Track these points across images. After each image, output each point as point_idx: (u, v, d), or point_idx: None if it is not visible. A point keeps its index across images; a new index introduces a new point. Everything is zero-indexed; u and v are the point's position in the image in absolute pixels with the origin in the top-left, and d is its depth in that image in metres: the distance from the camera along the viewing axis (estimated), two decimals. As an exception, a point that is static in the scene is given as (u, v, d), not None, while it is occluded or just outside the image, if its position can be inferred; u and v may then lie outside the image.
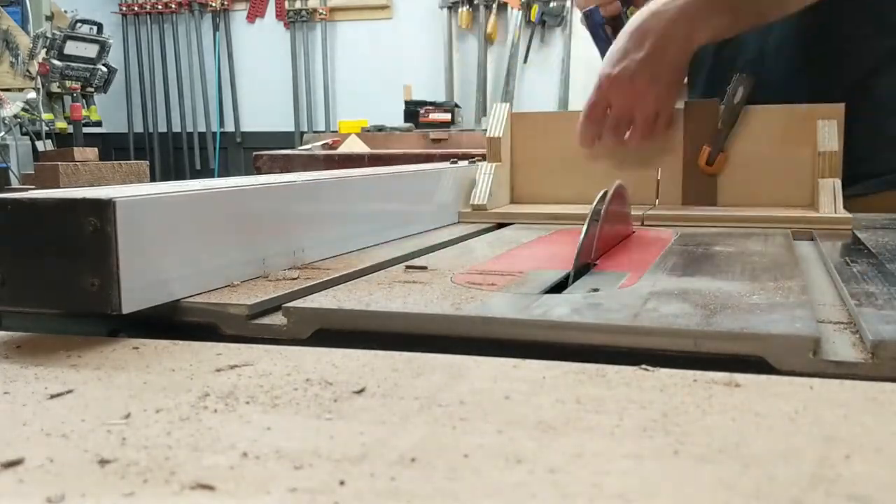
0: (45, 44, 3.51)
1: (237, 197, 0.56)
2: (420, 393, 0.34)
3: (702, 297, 0.49)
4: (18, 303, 0.45)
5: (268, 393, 0.35)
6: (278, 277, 0.56)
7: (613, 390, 0.34)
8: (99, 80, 3.62)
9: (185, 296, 0.49)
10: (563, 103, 4.51)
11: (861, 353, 0.40)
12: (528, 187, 1.11)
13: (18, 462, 0.27)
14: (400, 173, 0.85)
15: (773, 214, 0.89)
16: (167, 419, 0.32)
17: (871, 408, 0.32)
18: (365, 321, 0.46)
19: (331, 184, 0.70)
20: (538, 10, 4.50)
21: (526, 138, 1.11)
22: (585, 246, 0.60)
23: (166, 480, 0.26)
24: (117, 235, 0.43)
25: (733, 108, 1.00)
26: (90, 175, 2.31)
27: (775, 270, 0.58)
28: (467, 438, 0.29)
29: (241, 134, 5.20)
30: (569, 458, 0.27)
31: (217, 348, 0.42)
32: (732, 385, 0.35)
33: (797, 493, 0.24)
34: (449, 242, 0.79)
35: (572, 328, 0.43)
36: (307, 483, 0.26)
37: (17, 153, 3.75)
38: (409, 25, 4.80)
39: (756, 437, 0.29)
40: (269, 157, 2.66)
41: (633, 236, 0.82)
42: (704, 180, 1.03)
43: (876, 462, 0.27)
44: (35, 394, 0.35)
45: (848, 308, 0.48)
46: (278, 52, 5.06)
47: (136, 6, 5.26)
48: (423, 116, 3.88)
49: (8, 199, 0.44)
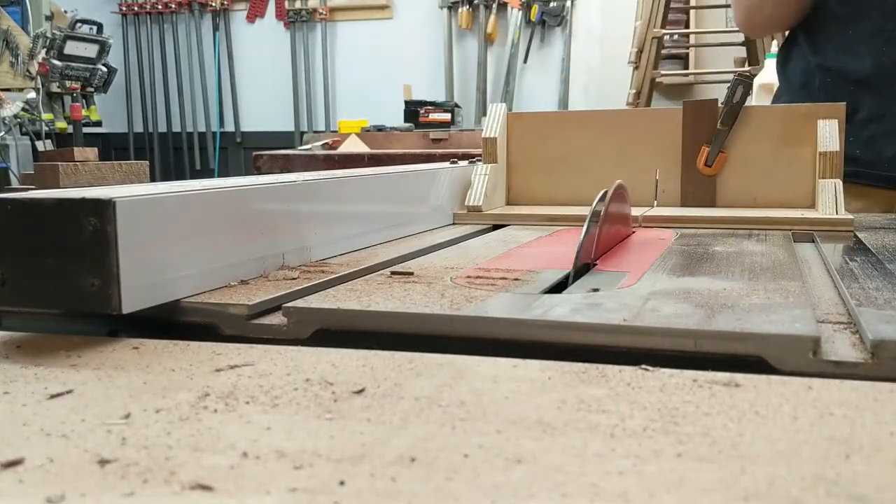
0: (45, 44, 3.51)
1: (237, 197, 0.56)
2: (420, 393, 0.34)
3: (702, 297, 0.49)
4: (18, 303, 0.44)
5: (268, 393, 0.35)
6: (278, 277, 0.56)
7: (613, 390, 0.34)
8: (99, 80, 3.62)
9: (185, 296, 0.49)
10: (563, 103, 4.51)
11: (861, 353, 0.40)
12: (524, 188, 1.10)
13: (18, 462, 0.27)
14: (393, 174, 0.85)
15: (773, 215, 0.89)
16: (167, 419, 0.32)
17: (871, 408, 0.32)
18: (365, 321, 0.46)
19: (330, 184, 0.70)
20: (538, 9, 4.50)
21: (523, 139, 1.10)
22: (585, 246, 0.60)
23: (166, 480, 0.26)
24: (117, 235, 0.43)
25: (733, 108, 1.00)
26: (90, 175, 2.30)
27: (775, 270, 0.58)
28: (467, 438, 0.29)
29: (241, 134, 5.20)
30: (569, 458, 0.27)
31: (217, 348, 0.42)
32: (732, 385, 0.35)
33: (797, 493, 0.24)
34: (445, 244, 0.78)
35: (572, 328, 0.43)
36: (307, 483, 0.26)
37: (17, 153, 3.75)
38: (409, 25, 4.80)
39: (756, 437, 0.29)
40: (269, 157, 2.67)
41: (633, 236, 0.82)
42: (704, 181, 1.03)
43: (876, 462, 0.27)
44: (35, 394, 0.35)
45: (848, 308, 0.48)
46: (278, 52, 5.06)
47: (136, 6, 5.26)
48: (423, 116, 3.87)
49: (8, 199, 0.44)
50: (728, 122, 1.00)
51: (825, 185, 0.92)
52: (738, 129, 1.01)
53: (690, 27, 3.93)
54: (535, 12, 4.51)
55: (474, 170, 1.03)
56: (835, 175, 0.93)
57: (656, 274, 0.57)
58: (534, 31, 4.57)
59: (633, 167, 1.04)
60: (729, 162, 1.01)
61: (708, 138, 1.02)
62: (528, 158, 1.10)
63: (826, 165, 0.94)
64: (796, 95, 1.26)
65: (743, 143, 1.01)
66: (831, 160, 0.94)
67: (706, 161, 1.01)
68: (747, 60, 3.12)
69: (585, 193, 0.93)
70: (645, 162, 1.04)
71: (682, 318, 0.43)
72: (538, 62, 4.62)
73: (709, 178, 1.02)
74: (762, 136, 1.00)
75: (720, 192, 1.02)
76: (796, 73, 1.28)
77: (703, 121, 1.02)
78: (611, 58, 4.26)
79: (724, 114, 1.01)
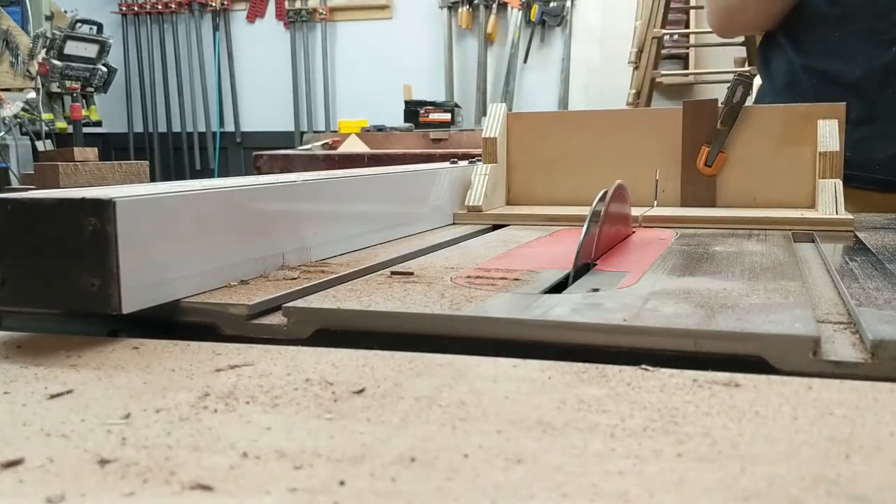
0: (45, 44, 3.51)
1: (237, 197, 0.56)
2: (420, 393, 0.34)
3: (702, 297, 0.49)
4: (18, 303, 0.44)
5: (268, 393, 0.35)
6: (278, 277, 0.56)
7: (613, 390, 0.34)
8: (99, 80, 3.62)
9: (185, 296, 0.49)
10: (563, 103, 4.51)
11: (861, 353, 0.40)
12: (524, 188, 1.10)
13: (18, 462, 0.27)
14: (393, 174, 0.85)
15: (773, 215, 0.89)
16: (167, 419, 0.32)
17: (871, 408, 0.32)
18: (365, 321, 0.46)
19: (330, 184, 0.70)
20: (538, 9, 4.50)
21: (523, 139, 1.10)
22: (585, 246, 0.60)
23: (166, 480, 0.26)
24: (117, 235, 0.43)
25: (733, 108, 1.00)
26: (90, 175, 2.30)
27: (775, 270, 0.58)
28: (467, 438, 0.29)
29: (241, 134, 5.20)
30: (569, 458, 0.27)
31: (217, 348, 0.42)
32: (732, 385, 0.35)
33: (797, 493, 0.24)
34: (445, 244, 0.78)
35: (572, 328, 0.43)
36: (307, 483, 0.26)
37: (17, 153, 3.75)
38: (409, 25, 4.80)
39: (756, 437, 0.29)
40: (269, 157, 2.67)
41: (633, 236, 0.82)
42: (704, 181, 1.02)
43: (876, 462, 0.27)
44: (35, 394, 0.35)
45: (848, 308, 0.48)
46: (278, 52, 5.06)
47: (136, 6, 5.26)
48: (423, 116, 3.88)
49: (8, 199, 0.44)
50: (728, 122, 1.00)
51: (825, 185, 0.92)
52: (738, 129, 1.01)
53: (690, 27, 3.93)
54: (535, 12, 4.51)
55: (474, 170, 1.03)
56: (835, 175, 0.93)
57: (656, 274, 0.57)
58: (534, 31, 4.57)
59: (633, 167, 1.04)
60: (729, 162, 1.01)
61: (708, 138, 1.02)
62: (528, 158, 1.10)
63: (826, 165, 0.94)
64: (781, 95, 1.25)
65: (743, 143, 1.01)
66: (831, 160, 0.94)
67: (706, 161, 1.01)
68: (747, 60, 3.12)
69: (585, 193, 0.93)
70: (645, 162, 1.04)
71: (682, 318, 0.43)
72: (538, 62, 4.62)
73: (709, 178, 1.02)
74: (762, 136, 1.00)
75: (720, 192, 1.02)
76: (780, 73, 1.27)
77: (703, 121, 1.02)
78: (611, 58, 4.27)
79: (724, 114, 1.01)
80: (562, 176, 1.08)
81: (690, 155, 1.03)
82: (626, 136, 1.05)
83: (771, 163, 1.00)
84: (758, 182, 1.01)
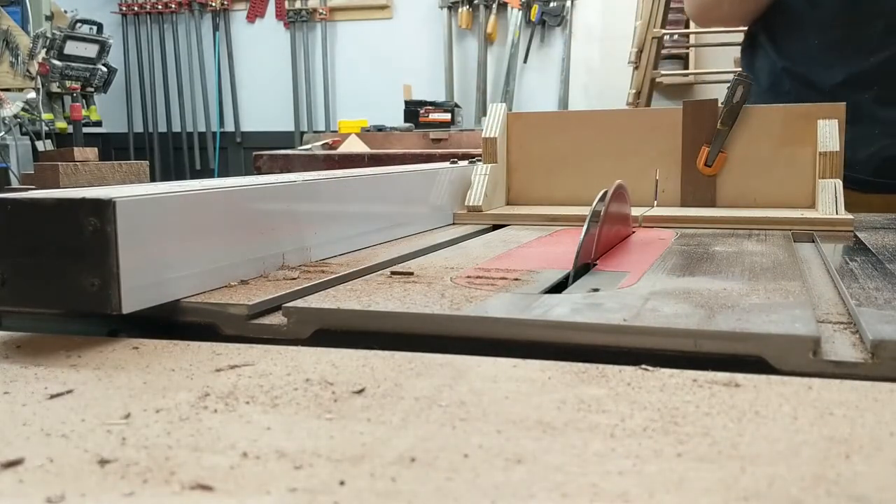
0: (45, 44, 3.51)
1: (237, 197, 0.56)
2: (420, 393, 0.34)
3: (702, 297, 0.49)
4: (18, 303, 0.44)
5: (268, 393, 0.35)
6: (278, 277, 0.56)
7: (613, 390, 0.34)
8: (99, 80, 3.62)
9: (185, 296, 0.49)
10: (563, 103, 4.51)
11: (861, 353, 0.40)
12: (524, 188, 1.10)
13: (18, 462, 0.27)
14: (393, 174, 0.85)
15: (773, 215, 0.89)
16: (167, 419, 0.32)
17: (871, 408, 0.32)
18: (365, 321, 0.46)
19: (330, 184, 0.70)
20: (538, 9, 4.50)
21: (523, 139, 1.10)
22: (585, 246, 0.60)
23: (166, 480, 0.26)
24: (117, 235, 0.43)
25: (733, 108, 1.00)
26: (90, 175, 2.30)
27: (775, 270, 0.58)
28: (467, 438, 0.29)
29: (240, 134, 5.20)
30: (569, 458, 0.27)
31: (217, 348, 0.42)
32: (732, 385, 0.35)
33: (797, 493, 0.24)
34: (445, 244, 0.78)
35: (572, 328, 0.43)
36: (307, 483, 0.26)
37: (17, 153, 3.75)
38: (409, 25, 4.80)
39: (756, 437, 0.29)
40: (269, 157, 2.66)
41: (633, 236, 0.82)
42: (704, 181, 1.03)
43: (876, 462, 0.27)
44: (35, 394, 0.35)
45: (848, 308, 0.48)
46: (278, 52, 5.06)
47: (136, 6, 5.26)
48: (423, 116, 3.87)
49: (8, 199, 0.44)
50: (728, 122, 1.00)
51: (825, 185, 0.92)
52: (737, 129, 1.01)
53: (690, 27, 3.92)
54: (535, 12, 4.51)
55: (474, 170, 1.03)
56: (835, 175, 0.93)
57: (656, 274, 0.57)
58: (534, 31, 4.57)
59: (633, 167, 1.04)
60: (729, 162, 1.02)
61: (708, 138, 1.02)
62: (528, 158, 1.10)
63: (826, 165, 0.94)
64: (764, 96, 1.25)
65: (743, 143, 1.01)
66: (831, 160, 0.94)
67: (706, 161, 1.01)
68: (747, 60, 3.12)
69: (585, 193, 0.93)
70: (645, 162, 1.04)
71: (682, 318, 0.43)
72: (538, 62, 4.62)
73: (709, 178, 1.02)
74: (762, 136, 1.00)
75: (720, 192, 1.02)
76: (763, 74, 1.28)
77: (703, 121, 1.02)
78: (611, 58, 4.26)
79: (724, 114, 1.01)
80: (562, 176, 1.08)
81: (690, 155, 1.03)
82: (626, 136, 1.05)
83: (771, 163, 1.00)
84: (758, 182, 1.01)
